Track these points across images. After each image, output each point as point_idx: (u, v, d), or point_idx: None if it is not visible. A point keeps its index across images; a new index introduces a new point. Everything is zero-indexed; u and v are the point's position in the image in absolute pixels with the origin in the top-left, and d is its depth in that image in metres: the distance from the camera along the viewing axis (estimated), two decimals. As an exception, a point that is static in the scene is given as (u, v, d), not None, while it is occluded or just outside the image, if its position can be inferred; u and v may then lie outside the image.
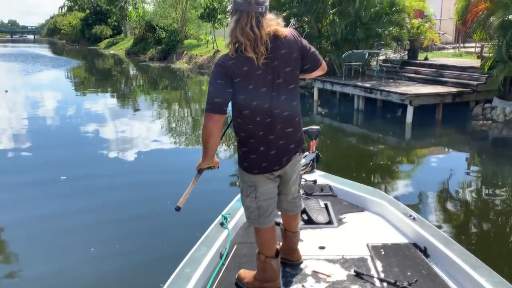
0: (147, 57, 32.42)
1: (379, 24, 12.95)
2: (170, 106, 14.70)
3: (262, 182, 2.26)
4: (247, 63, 2.05)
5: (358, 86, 11.11)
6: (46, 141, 8.69)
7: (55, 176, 6.16)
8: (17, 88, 16.92)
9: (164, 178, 6.37)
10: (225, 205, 3.22)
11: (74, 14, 68.45)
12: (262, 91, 2.11)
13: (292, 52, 2.16)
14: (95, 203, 5.33)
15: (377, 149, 8.86)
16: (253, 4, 2.02)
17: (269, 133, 2.18)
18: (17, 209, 5.20)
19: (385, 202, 3.24)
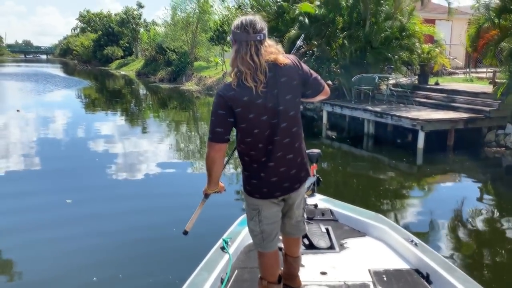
0: (157, 78, 32.77)
1: (389, 49, 12.94)
2: (179, 126, 14.73)
3: (266, 206, 2.28)
4: (247, 93, 2.07)
5: (368, 110, 11.01)
6: (54, 161, 8.66)
7: (61, 197, 6.09)
8: (29, 107, 17.07)
9: (169, 201, 6.34)
10: (225, 229, 3.19)
11: (87, 35, 69.83)
12: (262, 119, 2.13)
13: (292, 80, 2.17)
14: (99, 227, 5.27)
15: (387, 174, 8.71)
16: (251, 34, 2.06)
17: (269, 160, 2.20)
18: (22, 229, 5.15)
19: (387, 227, 3.22)
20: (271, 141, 2.17)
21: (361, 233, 3.34)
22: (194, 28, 32.67)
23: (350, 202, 4.45)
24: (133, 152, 9.93)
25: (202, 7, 31.96)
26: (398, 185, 7.97)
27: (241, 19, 2.12)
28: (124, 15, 56.98)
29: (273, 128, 2.15)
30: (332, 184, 7.81)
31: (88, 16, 77.64)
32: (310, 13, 13.78)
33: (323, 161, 9.96)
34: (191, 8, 32.84)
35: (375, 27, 13.05)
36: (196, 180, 7.86)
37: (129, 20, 55.03)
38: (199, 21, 32.15)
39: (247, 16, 2.13)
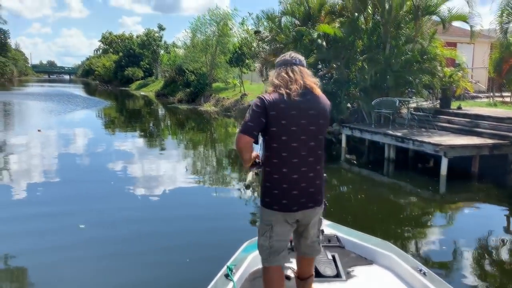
0: (176, 99, 33.10)
1: (410, 72, 12.75)
2: (196, 147, 14.73)
3: (279, 223, 2.42)
4: (284, 101, 2.34)
5: (389, 134, 10.76)
6: (72, 182, 8.63)
7: (77, 219, 6.03)
8: (50, 127, 17.32)
9: (180, 224, 6.31)
10: (230, 255, 3.14)
11: (108, 56, 71.52)
12: (292, 129, 2.34)
13: (326, 111, 2.48)
14: (109, 248, 5.24)
15: (409, 201, 8.45)
16: (288, 60, 2.47)
17: (293, 172, 2.37)
18: (38, 250, 5.11)
19: (395, 255, 3.16)
20: (297, 154, 2.36)
21: (368, 261, 3.27)
22: (213, 50, 33.08)
23: (369, 229, 4.30)
24: (150, 172, 9.89)
25: (222, 30, 32.40)
26: (420, 212, 7.70)
27: (282, 56, 2.55)
28: (145, 37, 58.26)
29: (301, 142, 2.36)
30: (350, 209, 7.60)
31: (111, 38, 79.72)
32: (329, 35, 13.73)
33: (342, 186, 9.75)
34: (210, 31, 33.33)
35: (395, 50, 12.91)
36: (212, 202, 7.80)
37: (150, 42, 56.21)
38: (218, 44, 32.55)
39: (289, 52, 2.57)
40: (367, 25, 13.90)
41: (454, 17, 12.81)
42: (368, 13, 13.82)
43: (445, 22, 12.71)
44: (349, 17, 14.08)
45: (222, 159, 12.56)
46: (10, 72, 77.29)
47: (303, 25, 15.87)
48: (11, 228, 5.86)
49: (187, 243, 5.46)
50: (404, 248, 5.81)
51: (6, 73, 74.05)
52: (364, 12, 13.81)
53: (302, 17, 16.20)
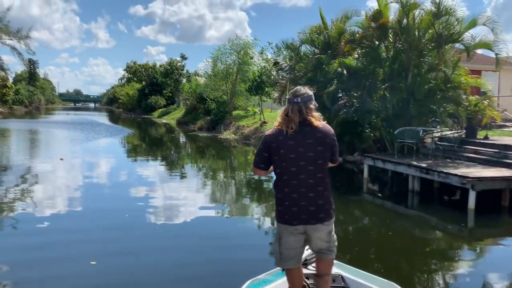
0: (196, 127, 33.34)
1: (434, 101, 12.46)
2: (216, 175, 14.63)
3: (286, 235, 2.89)
4: (283, 134, 2.85)
5: (413, 165, 10.39)
6: (91, 207, 8.59)
7: (102, 246, 5.88)
8: (73, 155, 17.55)
9: (197, 254, 6.14)
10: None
11: (132, 85, 73.18)
12: (291, 156, 2.81)
13: (326, 138, 2.88)
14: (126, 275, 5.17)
15: (434, 236, 8.04)
16: (291, 98, 2.92)
17: (293, 192, 2.83)
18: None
19: None
20: (296, 176, 2.81)
21: None
22: (233, 78, 33.41)
23: (392, 265, 4.03)
24: (170, 201, 9.80)
25: (242, 58, 32.79)
26: (446, 247, 7.31)
27: (292, 89, 3.01)
28: (168, 66, 59.55)
29: (300, 167, 2.81)
30: (372, 244, 7.25)
31: (135, 67, 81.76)
32: (349, 65, 13.63)
33: (364, 218, 9.39)
34: (231, 59, 33.77)
35: (418, 79, 12.66)
36: (230, 231, 7.66)
37: (173, 71, 57.36)
38: (238, 72, 32.89)
39: (297, 87, 2.99)
40: (388, 54, 13.74)
41: (479, 45, 12.55)
42: (389, 41, 13.69)
43: (469, 50, 12.44)
44: (369, 45, 13.97)
45: (241, 187, 12.39)
46: (37, 101, 79.88)
47: (322, 53, 15.86)
48: (23, 256, 5.75)
49: (202, 274, 5.28)
50: (430, 285, 5.47)
51: (34, 101, 76.52)
52: (385, 41, 13.69)
53: (322, 46, 16.21)
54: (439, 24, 12.43)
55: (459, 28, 12.44)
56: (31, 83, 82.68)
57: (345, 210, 9.65)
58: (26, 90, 71.86)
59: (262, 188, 12.09)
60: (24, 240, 6.69)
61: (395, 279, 5.57)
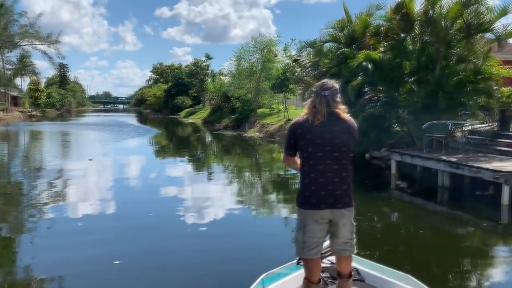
0: (221, 126, 33.50)
1: (463, 93, 12.04)
2: (241, 173, 14.65)
3: (310, 222, 2.88)
4: (309, 123, 2.92)
5: (442, 160, 10.05)
6: (119, 206, 8.70)
7: (123, 244, 5.96)
8: (102, 155, 17.93)
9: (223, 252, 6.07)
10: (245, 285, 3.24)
11: (159, 86, 74.26)
12: (317, 142, 2.88)
13: (351, 130, 2.95)
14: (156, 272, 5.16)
15: (466, 232, 7.75)
16: (318, 90, 2.99)
17: (320, 177, 2.87)
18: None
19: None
20: (323, 161, 2.86)
21: None
22: (257, 77, 33.37)
23: (422, 262, 4.58)
24: (198, 199, 9.83)
25: (266, 56, 32.69)
26: (479, 245, 7.05)
27: (318, 82, 3.08)
28: (193, 67, 60.05)
29: (326, 152, 2.86)
30: (402, 242, 7.06)
31: (161, 68, 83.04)
32: (374, 59, 13.33)
33: (393, 215, 9.16)
34: (255, 58, 33.72)
35: (446, 71, 12.26)
36: (258, 230, 7.57)
37: (198, 71, 57.79)
38: (262, 70, 32.81)
39: (324, 80, 3.06)
40: (415, 46, 13.37)
41: (511, 34, 12.03)
42: (415, 33, 13.32)
43: (500, 39, 11.95)
44: (395, 38, 13.63)
45: (268, 185, 12.34)
46: (68, 103, 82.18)
47: (347, 47, 15.59)
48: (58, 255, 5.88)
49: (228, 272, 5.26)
50: (463, 285, 5.29)
51: (65, 104, 78.75)
52: (411, 33, 13.33)
53: (346, 40, 15.94)
54: (468, 14, 12.00)
55: (490, 17, 11.95)
56: (62, 86, 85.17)
57: (373, 207, 9.45)
58: (57, 94, 74.03)
59: (288, 185, 12.00)
60: (51, 239, 6.83)
61: (426, 278, 5.41)
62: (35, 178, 12.53)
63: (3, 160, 17.77)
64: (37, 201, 9.46)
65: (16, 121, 44.93)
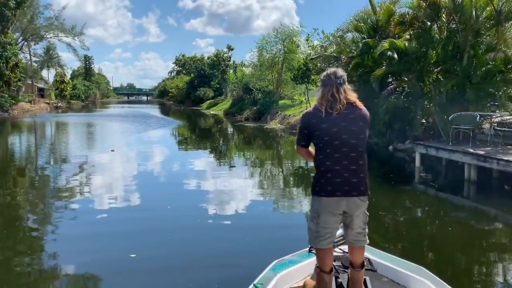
0: (243, 117, 33.44)
1: (492, 84, 11.58)
2: (263, 164, 14.60)
3: (325, 213, 2.86)
4: (321, 112, 2.88)
5: (469, 153, 9.71)
6: (142, 198, 8.75)
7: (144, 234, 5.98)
8: (124, 146, 18.13)
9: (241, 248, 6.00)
10: (257, 273, 3.12)
11: (181, 77, 74.68)
12: (334, 130, 2.84)
13: (366, 118, 2.94)
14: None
15: (493, 227, 7.47)
16: (333, 79, 2.92)
17: (336, 164, 2.84)
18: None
19: (429, 282, 3.06)
20: (339, 150, 2.83)
21: (401, 286, 3.18)
22: (279, 68, 33.09)
23: (447, 258, 4.50)
24: (219, 190, 9.85)
25: (288, 47, 32.35)
26: (508, 241, 6.74)
27: (327, 71, 3.00)
28: (215, 58, 60.12)
29: (343, 141, 2.83)
30: (426, 236, 6.88)
31: (183, 60, 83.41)
32: (399, 47, 12.96)
33: (416, 210, 8.92)
34: (276, 48, 33.42)
35: (474, 60, 11.81)
36: (277, 220, 7.50)
37: (220, 62, 57.84)
38: (284, 61, 32.50)
39: (331, 68, 3.01)
40: (441, 35, 12.93)
41: (544, 20, 11.48)
42: (442, 21, 12.86)
43: (532, 27, 11.43)
44: (421, 26, 13.20)
45: (289, 177, 12.25)
46: (93, 95, 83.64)
47: (370, 37, 15.22)
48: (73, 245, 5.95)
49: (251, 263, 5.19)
50: (487, 282, 5.14)
51: (90, 95, 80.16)
52: (437, 21, 12.88)
53: (369, 30, 15.56)
54: (499, 0, 11.48)
55: (522, 3, 11.43)
56: (87, 78, 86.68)
57: (397, 201, 9.24)
58: (82, 85, 75.36)
59: (309, 177, 11.85)
60: (71, 230, 6.92)
61: (451, 274, 5.25)
62: (59, 170, 12.76)
63: (30, 151, 18.16)
64: (59, 193, 9.64)
65: (42, 112, 45.96)
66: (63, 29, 53.36)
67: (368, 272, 3.20)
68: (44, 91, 62.55)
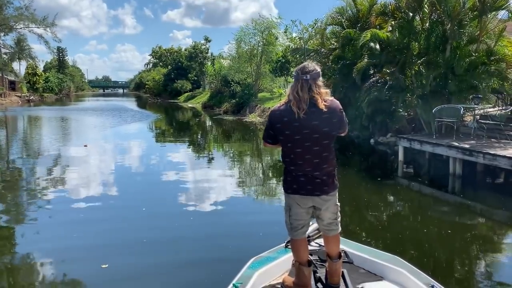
0: (222, 110, 32.92)
1: (475, 76, 11.42)
2: (242, 158, 14.30)
3: (295, 206, 2.94)
4: (288, 115, 2.80)
5: (455, 146, 9.51)
6: (113, 194, 8.25)
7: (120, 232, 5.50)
8: (99, 142, 17.45)
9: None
10: (235, 272, 3.08)
11: (158, 69, 73.33)
12: (296, 138, 2.81)
13: (333, 118, 2.81)
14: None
15: (479, 223, 7.35)
16: (300, 74, 2.83)
17: (299, 170, 2.86)
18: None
19: (405, 271, 3.10)
20: (302, 157, 2.83)
21: (378, 277, 3.20)
22: (258, 60, 32.62)
23: (429, 253, 4.56)
24: (198, 184, 9.65)
25: (267, 39, 31.88)
26: (493, 236, 6.69)
27: (298, 66, 2.93)
28: (192, 50, 59.15)
29: (306, 148, 2.81)
30: (409, 231, 6.71)
31: (160, 52, 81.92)
32: (382, 38, 12.68)
33: (399, 205, 8.70)
34: (255, 40, 32.91)
35: (457, 52, 11.63)
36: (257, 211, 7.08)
37: (197, 54, 56.93)
38: (263, 53, 32.05)
39: (304, 63, 2.91)
40: (424, 26, 12.71)
41: (527, 12, 11.37)
42: (425, 12, 12.64)
43: (515, 18, 11.30)
44: (403, 17, 12.96)
45: (268, 169, 11.93)
46: (67, 88, 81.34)
47: (351, 28, 14.92)
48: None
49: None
50: (469, 276, 5.06)
51: (64, 88, 77.92)
52: (420, 12, 12.65)
53: (349, 22, 15.27)
54: (482, -10, 11.31)
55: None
56: (60, 70, 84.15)
57: (379, 196, 9.03)
58: (55, 78, 73.13)
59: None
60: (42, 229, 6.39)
61: (433, 268, 5.02)
62: (31, 166, 12.21)
63: (0, 147, 17.32)
64: (30, 189, 9.06)
65: (14, 106, 44.33)
66: (34, 19, 51.35)
67: (345, 265, 3.20)
68: (15, 84, 60.33)
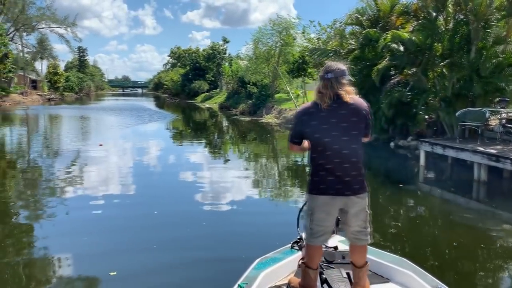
0: (238, 111, 32.77)
1: (501, 78, 10.95)
2: (258, 159, 14.12)
3: (319, 211, 2.83)
4: (315, 107, 2.84)
5: (480, 152, 9.09)
6: (127, 193, 8.19)
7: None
8: (117, 141, 17.48)
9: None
10: (240, 273, 3.03)
11: (176, 70, 73.71)
12: (324, 127, 2.79)
13: (360, 112, 2.81)
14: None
15: (505, 232, 6.92)
16: (323, 74, 2.88)
17: (328, 163, 2.79)
18: None
19: (412, 273, 3.05)
20: (330, 148, 2.77)
21: (385, 279, 3.18)
22: (275, 60, 32.37)
23: (451, 263, 4.26)
24: (213, 185, 9.58)
25: (285, 39, 31.61)
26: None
27: (325, 65, 2.94)
28: (210, 50, 59.25)
29: (334, 138, 2.76)
30: (430, 239, 6.38)
31: (178, 52, 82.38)
32: (403, 39, 12.30)
33: (420, 212, 8.34)
34: (273, 41, 32.67)
35: (483, 53, 11.18)
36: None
37: (215, 55, 56.99)
38: (281, 53, 31.77)
39: (329, 63, 2.92)
40: (447, 26, 12.28)
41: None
42: (448, 12, 12.21)
43: (545, 18, 10.80)
44: (426, 17, 12.55)
45: (284, 171, 11.74)
46: (87, 87, 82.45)
47: (371, 28, 14.56)
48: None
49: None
50: None
51: (84, 88, 79.01)
52: (443, 12, 12.23)
53: (370, 21, 14.91)
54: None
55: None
56: (81, 70, 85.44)
57: (399, 201, 8.69)
58: (76, 77, 74.19)
59: (303, 173, 11.25)
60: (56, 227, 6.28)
61: (454, 280, 4.71)
62: (50, 164, 12.41)
63: (21, 144, 17.56)
64: (48, 187, 9.15)
65: (34, 105, 45.02)
66: (55, 19, 52.21)
67: (351, 266, 3.07)
68: (37, 83, 61.41)
